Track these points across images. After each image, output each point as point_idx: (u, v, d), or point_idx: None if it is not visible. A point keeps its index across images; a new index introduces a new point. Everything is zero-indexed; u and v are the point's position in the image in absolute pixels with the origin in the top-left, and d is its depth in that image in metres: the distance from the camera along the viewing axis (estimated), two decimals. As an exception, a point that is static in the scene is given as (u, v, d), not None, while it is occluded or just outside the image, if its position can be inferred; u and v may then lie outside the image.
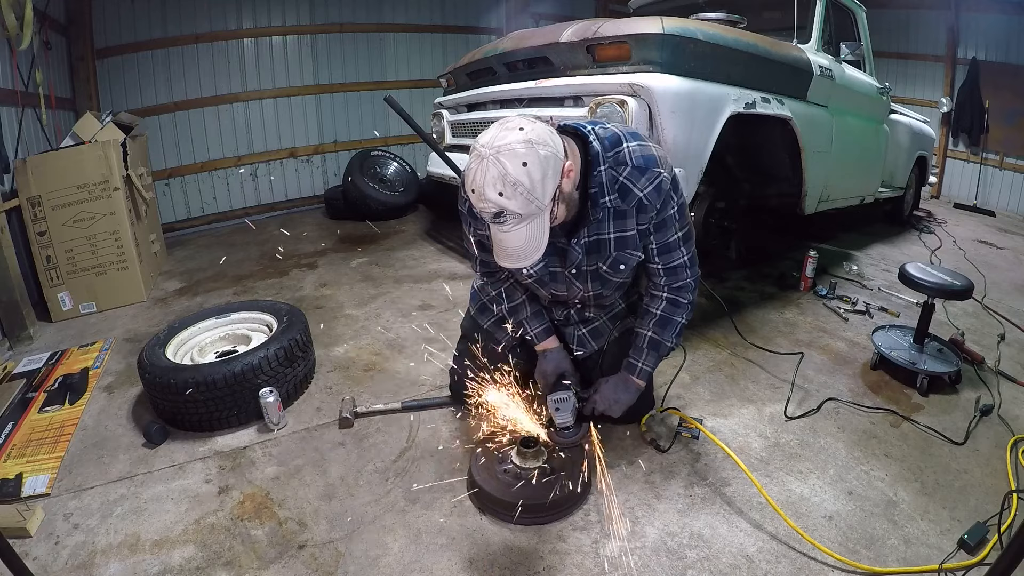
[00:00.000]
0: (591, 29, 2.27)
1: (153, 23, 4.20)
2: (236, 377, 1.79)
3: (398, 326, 2.62)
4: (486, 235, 1.42)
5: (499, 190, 1.13)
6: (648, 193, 1.36)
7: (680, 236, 1.47)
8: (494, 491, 1.47)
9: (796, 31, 2.92)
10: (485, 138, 1.17)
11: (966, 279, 2.13)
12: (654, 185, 1.36)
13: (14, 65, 2.92)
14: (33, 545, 1.40)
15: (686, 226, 1.48)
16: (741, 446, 1.76)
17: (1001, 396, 2.05)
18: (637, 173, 1.35)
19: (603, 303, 1.67)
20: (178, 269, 3.66)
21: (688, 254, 1.50)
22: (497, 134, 1.16)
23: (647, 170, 1.35)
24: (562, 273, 1.51)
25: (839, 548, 1.37)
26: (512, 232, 1.19)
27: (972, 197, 5.70)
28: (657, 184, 1.36)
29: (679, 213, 1.44)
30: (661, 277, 1.52)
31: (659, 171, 1.36)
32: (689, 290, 1.55)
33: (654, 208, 1.38)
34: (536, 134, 1.17)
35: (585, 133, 1.36)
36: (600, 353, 1.73)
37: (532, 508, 1.43)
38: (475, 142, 1.18)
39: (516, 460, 1.54)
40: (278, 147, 4.95)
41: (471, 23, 5.62)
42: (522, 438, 1.56)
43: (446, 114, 3.39)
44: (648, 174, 1.35)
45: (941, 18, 5.70)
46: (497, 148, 1.14)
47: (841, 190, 3.30)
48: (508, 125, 1.18)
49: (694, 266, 1.53)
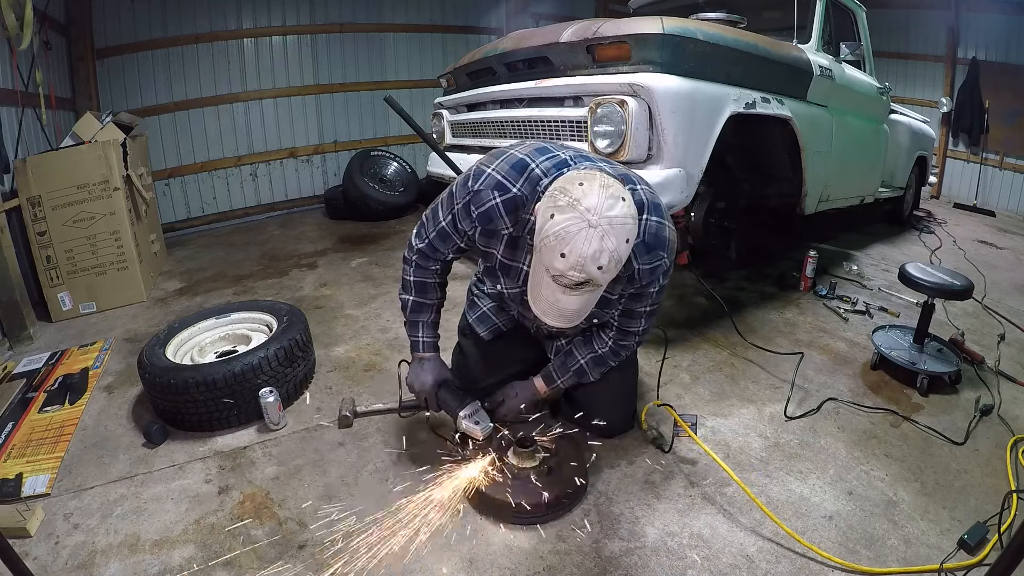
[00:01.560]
0: (591, 29, 2.26)
1: (153, 23, 4.20)
2: (236, 377, 1.79)
3: (398, 326, 2.60)
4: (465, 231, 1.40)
5: (601, 264, 1.10)
6: (643, 271, 1.35)
7: (647, 311, 1.50)
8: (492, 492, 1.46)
9: (796, 31, 2.92)
10: (589, 201, 1.09)
11: (966, 279, 2.13)
12: (652, 267, 1.36)
13: (14, 65, 2.92)
14: (33, 545, 1.40)
15: (656, 304, 1.50)
16: (741, 446, 1.76)
17: (1001, 396, 2.05)
18: (644, 249, 1.33)
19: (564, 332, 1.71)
20: (178, 269, 3.66)
21: (645, 327, 1.54)
22: (603, 201, 1.10)
23: (654, 250, 1.34)
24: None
25: (839, 548, 1.37)
26: (578, 297, 1.16)
27: (972, 197, 5.70)
28: (655, 267, 1.36)
29: (658, 294, 1.45)
30: (613, 331, 1.56)
31: (663, 255, 1.35)
32: (630, 350, 1.63)
33: (641, 283, 1.39)
34: (634, 206, 1.16)
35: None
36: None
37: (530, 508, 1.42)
38: (574, 200, 1.10)
39: (513, 460, 1.53)
40: (278, 147, 4.95)
41: (471, 23, 5.62)
42: (518, 438, 1.56)
43: (446, 114, 3.38)
44: (652, 255, 1.34)
45: (941, 18, 5.70)
46: (610, 220, 1.09)
47: (841, 190, 3.30)
48: (611, 192, 1.12)
49: (645, 335, 1.59)
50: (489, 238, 1.41)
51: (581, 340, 1.65)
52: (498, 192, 1.31)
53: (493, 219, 1.34)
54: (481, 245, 1.45)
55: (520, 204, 1.32)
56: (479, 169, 1.37)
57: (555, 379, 1.67)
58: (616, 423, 1.77)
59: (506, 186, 1.31)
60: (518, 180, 1.31)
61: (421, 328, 1.63)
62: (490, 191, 1.32)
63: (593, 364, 1.61)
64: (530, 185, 1.31)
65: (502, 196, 1.31)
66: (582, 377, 1.64)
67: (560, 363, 1.66)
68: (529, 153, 1.35)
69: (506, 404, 1.69)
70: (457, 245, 1.48)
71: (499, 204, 1.32)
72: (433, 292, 1.60)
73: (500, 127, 2.80)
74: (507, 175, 1.32)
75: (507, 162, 1.34)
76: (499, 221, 1.34)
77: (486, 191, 1.32)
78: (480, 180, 1.34)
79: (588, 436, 1.69)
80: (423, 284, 1.58)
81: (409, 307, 1.61)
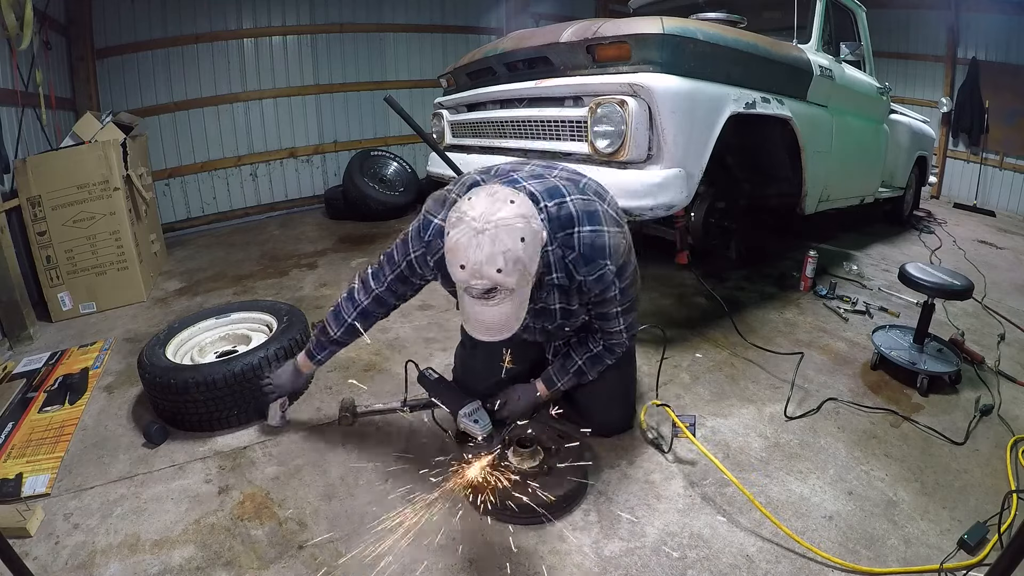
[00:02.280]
0: (591, 29, 2.26)
1: (153, 23, 4.20)
2: (236, 377, 1.79)
3: (398, 326, 2.62)
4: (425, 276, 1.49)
5: (498, 266, 1.11)
6: (589, 281, 1.39)
7: (619, 310, 1.51)
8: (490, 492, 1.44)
9: (796, 31, 2.92)
10: (475, 211, 1.13)
11: (966, 279, 2.13)
12: (595, 276, 1.38)
13: (14, 65, 2.92)
14: (33, 545, 1.40)
15: (628, 302, 1.51)
16: (741, 446, 1.76)
17: (1001, 396, 2.05)
18: (582, 261, 1.37)
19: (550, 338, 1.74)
20: (178, 269, 3.66)
21: (625, 324, 1.56)
22: (490, 207, 1.13)
23: (592, 261, 1.37)
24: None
25: (839, 548, 1.37)
26: (498, 307, 1.18)
27: (972, 197, 5.70)
28: (599, 276, 1.38)
29: (621, 293, 1.47)
30: (599, 334, 1.60)
31: (604, 263, 1.37)
32: (623, 347, 1.64)
33: (595, 292, 1.42)
34: (527, 207, 1.18)
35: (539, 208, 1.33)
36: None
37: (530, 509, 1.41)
38: (462, 213, 1.14)
39: (512, 460, 1.53)
40: (278, 147, 4.95)
41: (471, 23, 5.62)
42: (518, 438, 1.56)
43: (446, 114, 3.38)
44: (592, 265, 1.37)
45: (941, 18, 5.70)
46: (495, 223, 1.11)
47: (841, 190, 3.30)
48: (498, 196, 1.16)
49: (631, 330, 1.60)
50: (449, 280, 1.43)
51: (577, 342, 1.67)
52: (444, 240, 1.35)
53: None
54: (446, 287, 1.50)
55: None
56: (427, 220, 1.44)
57: (555, 382, 1.69)
58: (615, 423, 1.78)
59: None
60: None
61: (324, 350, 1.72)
62: (438, 240, 1.38)
63: (591, 363, 1.63)
64: None
65: None
66: (581, 377, 1.66)
67: (559, 366, 1.69)
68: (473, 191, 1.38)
69: (508, 406, 1.70)
70: (419, 285, 1.57)
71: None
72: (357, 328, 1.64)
73: (500, 127, 2.80)
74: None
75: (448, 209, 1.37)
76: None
77: (434, 241, 1.41)
78: (429, 230, 1.43)
79: (587, 435, 1.70)
80: (364, 314, 1.63)
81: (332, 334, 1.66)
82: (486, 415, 1.61)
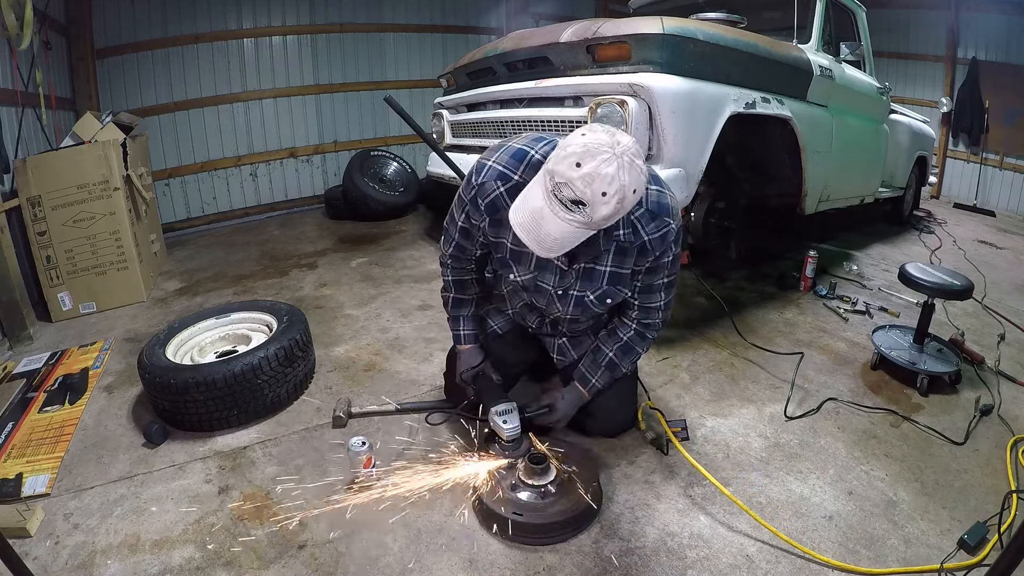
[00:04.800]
0: (591, 29, 2.26)
1: (153, 23, 4.19)
2: (236, 377, 1.79)
3: (398, 326, 2.62)
4: (479, 225, 1.46)
5: (606, 190, 1.10)
6: (653, 239, 1.39)
7: (665, 282, 1.50)
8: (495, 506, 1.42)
9: (796, 31, 2.92)
10: (623, 143, 1.12)
11: (966, 279, 2.13)
12: (661, 233, 1.38)
13: (14, 65, 2.92)
14: (33, 545, 1.40)
15: (673, 275, 1.51)
16: (741, 446, 1.76)
17: (1001, 396, 2.05)
18: (649, 217, 1.37)
19: (575, 328, 1.70)
20: (178, 269, 3.66)
21: (666, 299, 1.55)
22: (630, 147, 1.13)
23: (659, 217, 1.38)
24: (550, 290, 1.51)
25: (839, 548, 1.37)
26: (565, 223, 1.15)
27: (972, 197, 5.70)
28: (664, 233, 1.39)
29: (672, 263, 1.47)
30: (635, 311, 1.57)
31: (669, 221, 1.39)
32: (656, 329, 1.61)
33: (654, 254, 1.41)
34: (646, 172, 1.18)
35: None
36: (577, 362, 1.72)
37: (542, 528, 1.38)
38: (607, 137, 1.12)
39: (523, 476, 1.48)
40: (278, 147, 4.94)
41: (471, 23, 5.62)
42: (530, 454, 1.50)
43: (446, 114, 3.39)
44: (658, 221, 1.38)
45: (941, 18, 5.70)
46: (631, 160, 1.11)
47: (841, 190, 3.30)
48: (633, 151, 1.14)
49: (668, 310, 1.58)
50: (498, 228, 1.45)
51: (605, 334, 1.64)
52: (501, 182, 1.38)
53: (499, 208, 1.39)
54: (492, 237, 1.49)
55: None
56: (480, 163, 1.42)
57: (589, 379, 1.64)
58: (618, 423, 1.77)
59: (508, 175, 1.37)
60: (519, 168, 1.37)
61: (462, 322, 1.71)
62: (493, 182, 1.38)
63: (622, 354, 1.60)
64: (531, 171, 1.35)
65: (505, 185, 1.37)
66: (614, 371, 1.62)
67: (590, 361, 1.64)
68: (527, 143, 1.40)
69: (556, 411, 1.64)
70: (480, 240, 1.54)
71: (503, 193, 1.37)
72: (471, 288, 1.68)
73: (500, 127, 2.81)
74: (507, 165, 1.38)
75: (507, 153, 1.39)
76: (505, 210, 1.35)
77: (489, 183, 1.39)
78: (483, 173, 1.40)
79: (586, 434, 1.69)
80: (461, 282, 1.66)
81: (450, 303, 1.69)
82: (517, 419, 1.55)
